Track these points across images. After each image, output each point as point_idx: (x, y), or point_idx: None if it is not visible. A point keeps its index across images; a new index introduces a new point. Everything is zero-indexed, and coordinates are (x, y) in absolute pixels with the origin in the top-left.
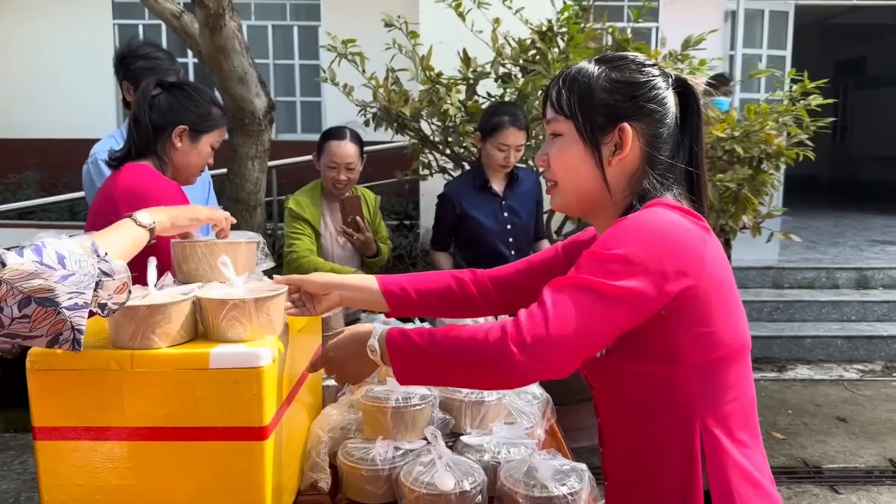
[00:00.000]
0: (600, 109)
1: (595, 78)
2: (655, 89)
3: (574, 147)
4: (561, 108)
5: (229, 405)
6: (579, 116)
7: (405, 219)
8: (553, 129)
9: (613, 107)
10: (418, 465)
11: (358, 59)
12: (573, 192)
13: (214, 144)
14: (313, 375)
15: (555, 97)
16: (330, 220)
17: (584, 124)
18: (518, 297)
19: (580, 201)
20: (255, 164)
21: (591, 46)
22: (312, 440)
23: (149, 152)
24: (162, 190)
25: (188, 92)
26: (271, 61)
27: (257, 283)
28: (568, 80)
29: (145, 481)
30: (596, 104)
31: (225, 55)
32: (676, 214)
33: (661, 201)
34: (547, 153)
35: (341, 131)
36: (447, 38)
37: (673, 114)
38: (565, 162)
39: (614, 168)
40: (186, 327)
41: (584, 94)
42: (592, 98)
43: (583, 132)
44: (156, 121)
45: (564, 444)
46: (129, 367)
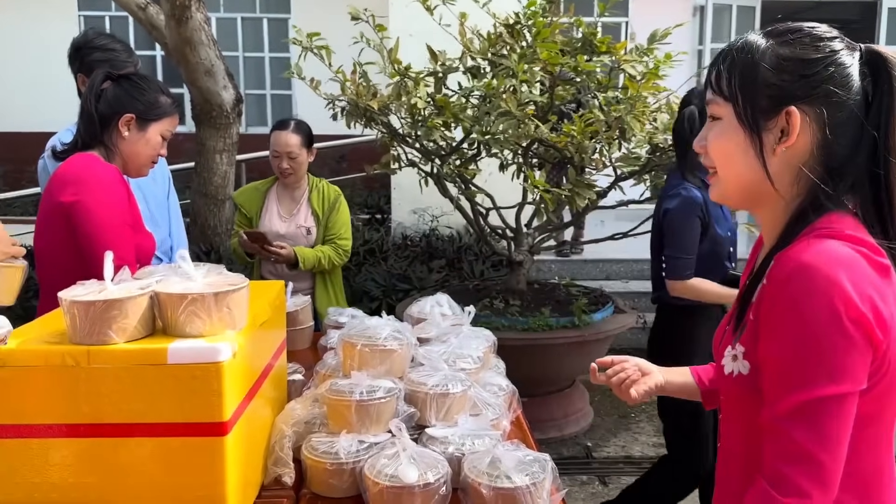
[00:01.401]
0: (764, 91)
1: (760, 54)
2: (835, 66)
3: (733, 133)
4: (720, 88)
5: (188, 401)
6: (739, 99)
7: (377, 213)
8: (712, 111)
9: (780, 87)
10: (382, 458)
11: (324, 52)
12: (732, 182)
13: (165, 134)
14: (279, 369)
15: (714, 77)
16: (276, 208)
17: (744, 108)
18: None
19: (740, 192)
20: (224, 157)
21: (558, 40)
22: (276, 435)
23: (96, 143)
24: (100, 174)
25: (135, 81)
26: (241, 54)
27: (217, 277)
28: (729, 57)
29: (103, 479)
30: (759, 85)
31: (191, 47)
32: (855, 258)
33: (833, 228)
34: (705, 137)
35: (286, 122)
36: (416, 32)
37: (858, 97)
38: (723, 149)
39: (779, 157)
40: (144, 322)
41: (747, 73)
42: (756, 78)
43: (742, 116)
44: (102, 111)
45: (530, 435)
46: (85, 363)
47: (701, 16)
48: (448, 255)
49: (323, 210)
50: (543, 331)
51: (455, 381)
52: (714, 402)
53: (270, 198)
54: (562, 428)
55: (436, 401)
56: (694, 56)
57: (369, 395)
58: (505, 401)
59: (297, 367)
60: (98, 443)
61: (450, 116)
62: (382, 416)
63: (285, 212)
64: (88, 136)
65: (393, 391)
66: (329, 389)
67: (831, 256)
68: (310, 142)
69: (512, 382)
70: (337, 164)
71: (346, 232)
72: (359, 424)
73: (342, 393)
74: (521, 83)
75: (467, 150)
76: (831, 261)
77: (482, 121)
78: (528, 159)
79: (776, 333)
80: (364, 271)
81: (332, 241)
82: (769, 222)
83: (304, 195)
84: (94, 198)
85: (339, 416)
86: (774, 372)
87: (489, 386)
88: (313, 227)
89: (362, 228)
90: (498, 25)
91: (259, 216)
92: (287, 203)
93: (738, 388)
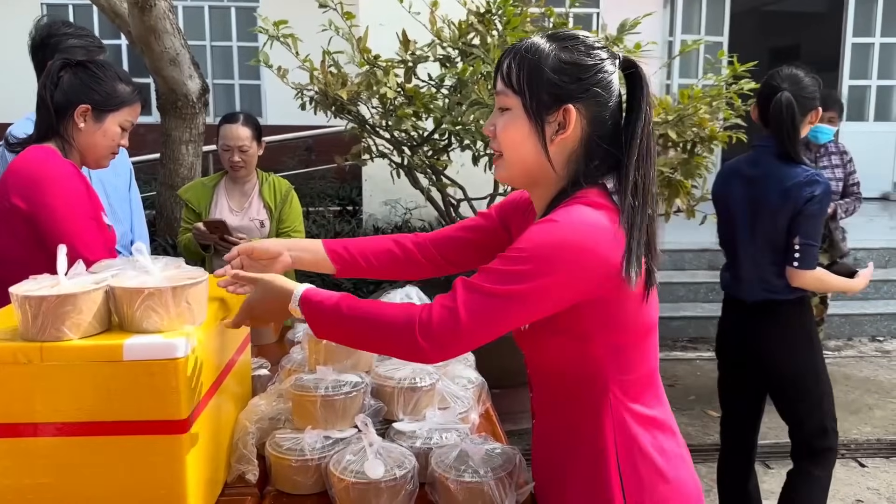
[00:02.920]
0: (546, 88)
1: (544, 57)
2: (602, 72)
3: (520, 122)
4: (510, 82)
5: (145, 398)
6: (527, 94)
7: (349, 204)
8: (502, 102)
9: (559, 87)
10: (348, 454)
11: (290, 41)
12: (517, 165)
13: (125, 125)
14: (242, 364)
15: (505, 71)
16: (226, 203)
17: (530, 102)
18: (460, 260)
19: (523, 174)
20: (190, 147)
21: (529, 30)
22: (239, 432)
23: (52, 134)
24: (56, 171)
25: (91, 70)
26: (208, 43)
27: (176, 271)
28: (518, 55)
29: (60, 479)
30: (543, 83)
31: (156, 36)
32: (595, 214)
33: (586, 196)
34: (494, 124)
35: (235, 115)
36: (387, 21)
37: (616, 98)
38: (511, 136)
39: (556, 146)
40: (99, 318)
41: (533, 71)
42: (541, 77)
43: (528, 109)
44: (58, 100)
45: (499, 428)
46: (38, 360)
47: (671, 6)
48: None
49: (275, 203)
50: None
51: (423, 374)
52: (347, 272)
53: (219, 193)
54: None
55: (403, 395)
56: (665, 46)
57: (335, 390)
58: (474, 394)
59: (263, 361)
60: (53, 442)
61: (420, 106)
62: (349, 411)
63: (236, 206)
64: (45, 127)
65: (359, 386)
66: (294, 385)
67: (578, 212)
68: (259, 134)
69: (485, 373)
70: (306, 155)
71: (299, 224)
72: (324, 420)
73: (307, 388)
74: (492, 71)
75: (438, 141)
76: (578, 214)
77: (453, 111)
78: None
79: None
80: None
81: (287, 234)
82: (542, 199)
83: (255, 189)
84: (54, 199)
85: (305, 411)
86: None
87: (458, 379)
88: (266, 220)
89: (333, 220)
90: (469, 14)
91: (208, 211)
92: (237, 197)
93: (523, 339)
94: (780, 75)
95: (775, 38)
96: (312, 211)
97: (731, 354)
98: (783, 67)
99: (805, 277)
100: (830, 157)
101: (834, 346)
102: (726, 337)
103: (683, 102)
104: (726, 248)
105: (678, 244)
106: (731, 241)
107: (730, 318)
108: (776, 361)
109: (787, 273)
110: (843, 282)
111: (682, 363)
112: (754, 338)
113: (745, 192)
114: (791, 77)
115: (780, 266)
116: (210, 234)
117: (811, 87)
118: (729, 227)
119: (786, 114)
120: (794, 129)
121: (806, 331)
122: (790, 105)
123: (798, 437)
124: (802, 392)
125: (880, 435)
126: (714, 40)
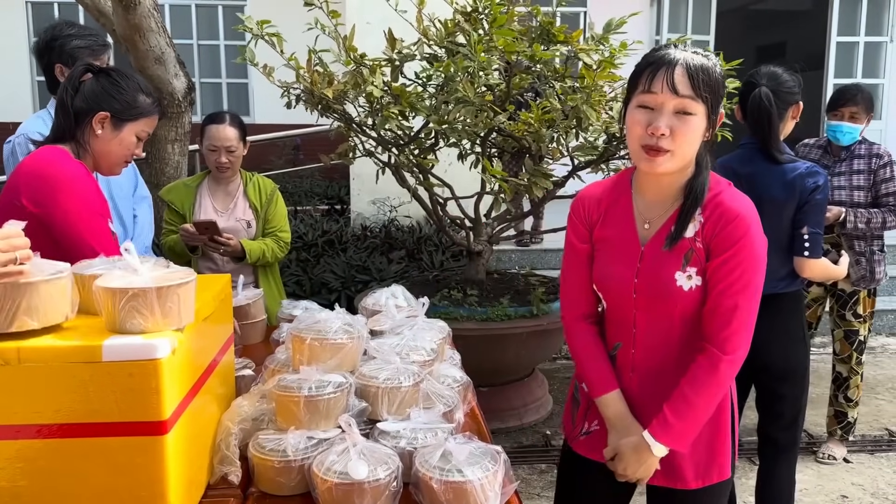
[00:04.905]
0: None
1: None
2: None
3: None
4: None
5: (125, 399)
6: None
7: (337, 203)
8: (688, 107)
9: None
10: (332, 454)
11: (275, 39)
12: (689, 156)
13: (141, 135)
14: (225, 365)
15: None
16: (210, 203)
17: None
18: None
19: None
20: (176, 147)
21: (516, 28)
22: (222, 432)
23: (68, 137)
24: (67, 172)
25: (114, 79)
26: (195, 42)
27: (164, 271)
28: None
29: (38, 482)
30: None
31: (140, 34)
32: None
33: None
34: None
35: (221, 115)
36: (374, 19)
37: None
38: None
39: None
40: (57, 307)
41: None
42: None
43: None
44: (79, 106)
45: (485, 427)
46: (15, 361)
47: (658, 5)
48: (408, 245)
49: (261, 203)
50: (502, 320)
51: (407, 374)
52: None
53: (202, 193)
54: (521, 417)
55: (387, 395)
56: (651, 45)
57: (318, 390)
58: (459, 393)
59: (248, 361)
60: (31, 445)
61: (406, 105)
62: (332, 411)
63: (221, 206)
64: (61, 130)
65: (343, 386)
66: (277, 385)
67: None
68: (245, 134)
69: (471, 372)
70: (294, 155)
71: (285, 224)
72: (308, 420)
73: (290, 388)
74: (478, 68)
75: (425, 140)
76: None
77: (439, 109)
78: (486, 149)
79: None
80: (323, 263)
81: (273, 234)
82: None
83: (239, 189)
84: (67, 199)
85: (288, 412)
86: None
87: (443, 378)
88: (253, 221)
89: (321, 219)
90: (455, 13)
91: (192, 212)
92: (221, 197)
93: (695, 298)
94: (760, 73)
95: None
96: (300, 210)
97: None
98: (763, 66)
99: (813, 266)
100: (853, 161)
101: (819, 343)
102: None
103: None
104: None
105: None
106: None
107: None
108: (774, 356)
109: (796, 263)
110: (840, 269)
111: None
112: (755, 333)
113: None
114: (770, 74)
115: (784, 259)
116: (199, 235)
117: (790, 82)
118: None
119: (763, 107)
120: (771, 124)
121: (801, 324)
122: (768, 98)
123: (771, 429)
124: (791, 385)
125: (865, 431)
126: (701, 39)
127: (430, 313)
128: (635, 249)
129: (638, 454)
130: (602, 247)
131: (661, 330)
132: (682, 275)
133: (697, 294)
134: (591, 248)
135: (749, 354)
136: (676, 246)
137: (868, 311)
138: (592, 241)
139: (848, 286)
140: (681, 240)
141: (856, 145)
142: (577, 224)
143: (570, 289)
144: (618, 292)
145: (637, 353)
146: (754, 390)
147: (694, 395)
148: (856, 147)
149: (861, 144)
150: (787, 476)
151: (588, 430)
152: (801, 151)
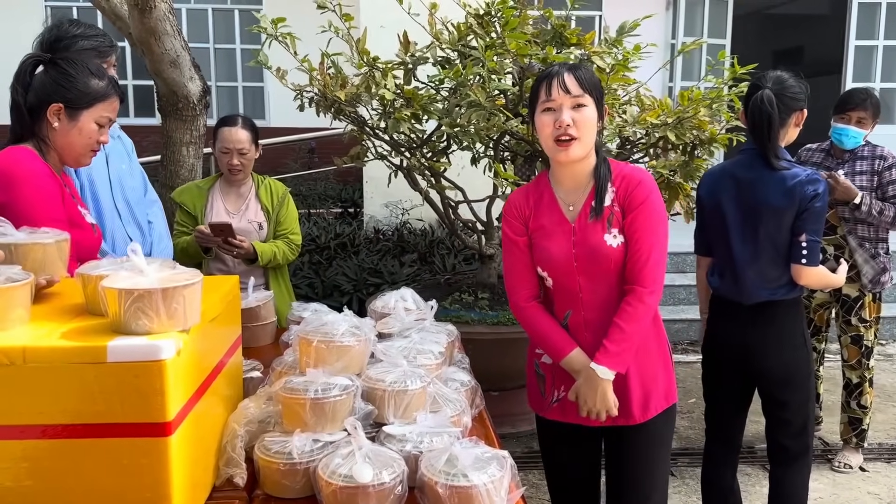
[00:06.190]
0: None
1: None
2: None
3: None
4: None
5: (130, 400)
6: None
7: (350, 206)
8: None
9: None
10: (337, 457)
11: (289, 39)
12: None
13: (101, 121)
14: (232, 366)
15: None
16: (222, 205)
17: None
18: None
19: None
20: (191, 149)
21: (528, 32)
22: (228, 434)
23: (29, 135)
24: (25, 171)
25: (63, 67)
26: (212, 45)
27: (171, 272)
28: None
29: (42, 482)
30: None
31: (156, 38)
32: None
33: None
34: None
35: (234, 118)
36: (388, 22)
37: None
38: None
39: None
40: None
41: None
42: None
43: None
44: (30, 101)
45: (492, 431)
46: (20, 361)
47: (674, 9)
48: (420, 248)
49: (272, 205)
50: (513, 324)
51: (414, 377)
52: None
53: (214, 195)
54: (532, 422)
55: (394, 398)
56: (667, 49)
57: (324, 392)
58: (467, 397)
59: (256, 363)
60: (35, 445)
61: (418, 108)
62: (338, 414)
63: (232, 208)
64: (20, 128)
65: (349, 388)
66: (283, 387)
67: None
68: (257, 137)
69: (481, 376)
70: (308, 157)
71: (296, 227)
72: (314, 423)
73: (297, 391)
74: (489, 73)
75: (437, 143)
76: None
77: (452, 113)
78: (498, 152)
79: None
80: (335, 265)
81: (285, 236)
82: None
83: (251, 191)
84: (20, 198)
85: (294, 414)
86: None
87: (451, 382)
88: (264, 223)
89: (333, 222)
90: (468, 16)
91: (204, 214)
92: (233, 199)
93: (621, 252)
94: (766, 77)
95: (778, 41)
96: (314, 213)
97: (723, 355)
98: (770, 71)
99: (811, 274)
100: (856, 162)
101: (836, 350)
102: (718, 339)
103: (683, 104)
104: (716, 251)
105: (679, 247)
106: (722, 244)
107: (723, 319)
108: (772, 362)
109: (794, 270)
110: (838, 277)
111: (682, 366)
112: (753, 339)
113: (739, 195)
114: (776, 78)
115: (782, 265)
116: (214, 236)
117: (795, 87)
118: (719, 229)
119: (764, 110)
120: (771, 128)
121: (801, 330)
122: (770, 101)
123: (781, 437)
124: (793, 391)
125: (882, 439)
126: (717, 43)
127: (441, 317)
128: (567, 227)
129: (590, 383)
130: (539, 234)
131: (603, 288)
132: (609, 235)
133: (622, 249)
134: (528, 239)
135: (745, 358)
136: (601, 215)
137: (874, 316)
138: (529, 233)
139: (854, 291)
140: (603, 210)
141: (859, 148)
142: (512, 222)
143: (516, 276)
144: (561, 265)
145: (587, 314)
146: (759, 397)
147: (625, 324)
148: (859, 149)
149: (864, 147)
150: (800, 484)
151: (558, 397)
152: (804, 156)
